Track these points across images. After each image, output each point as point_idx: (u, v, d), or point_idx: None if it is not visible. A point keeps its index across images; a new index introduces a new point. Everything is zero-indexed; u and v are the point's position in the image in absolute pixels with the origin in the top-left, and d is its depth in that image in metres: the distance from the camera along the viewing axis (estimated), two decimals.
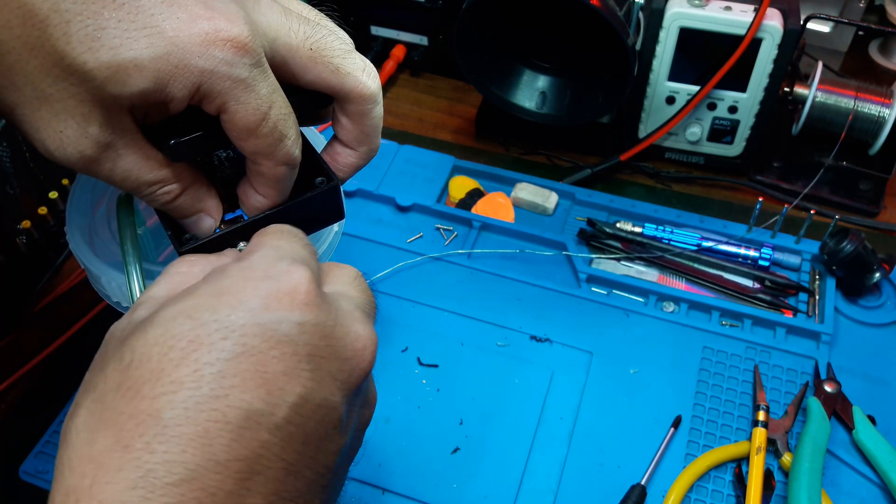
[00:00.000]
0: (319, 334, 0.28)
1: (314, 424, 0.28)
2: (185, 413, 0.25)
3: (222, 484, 0.25)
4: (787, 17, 0.63)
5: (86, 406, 0.26)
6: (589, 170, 0.71)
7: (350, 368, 0.29)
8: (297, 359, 0.27)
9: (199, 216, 0.36)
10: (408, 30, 0.81)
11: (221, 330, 0.27)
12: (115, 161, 0.32)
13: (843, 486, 0.51)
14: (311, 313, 0.28)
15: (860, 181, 0.70)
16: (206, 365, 0.26)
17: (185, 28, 0.30)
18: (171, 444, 0.25)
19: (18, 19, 0.28)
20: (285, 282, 0.28)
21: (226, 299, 0.27)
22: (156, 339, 0.27)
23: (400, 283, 0.62)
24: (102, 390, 0.26)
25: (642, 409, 0.55)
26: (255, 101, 0.32)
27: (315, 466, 0.28)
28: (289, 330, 0.27)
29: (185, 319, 0.27)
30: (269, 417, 0.26)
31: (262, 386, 0.26)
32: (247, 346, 0.26)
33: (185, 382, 0.25)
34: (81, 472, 0.25)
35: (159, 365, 0.26)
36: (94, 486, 0.24)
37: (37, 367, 0.57)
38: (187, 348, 0.26)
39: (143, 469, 0.24)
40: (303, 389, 0.27)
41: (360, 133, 0.38)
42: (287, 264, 0.29)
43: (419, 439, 0.53)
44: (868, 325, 0.60)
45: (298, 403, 0.27)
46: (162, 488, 0.24)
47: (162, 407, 0.25)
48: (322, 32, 0.35)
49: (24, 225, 0.59)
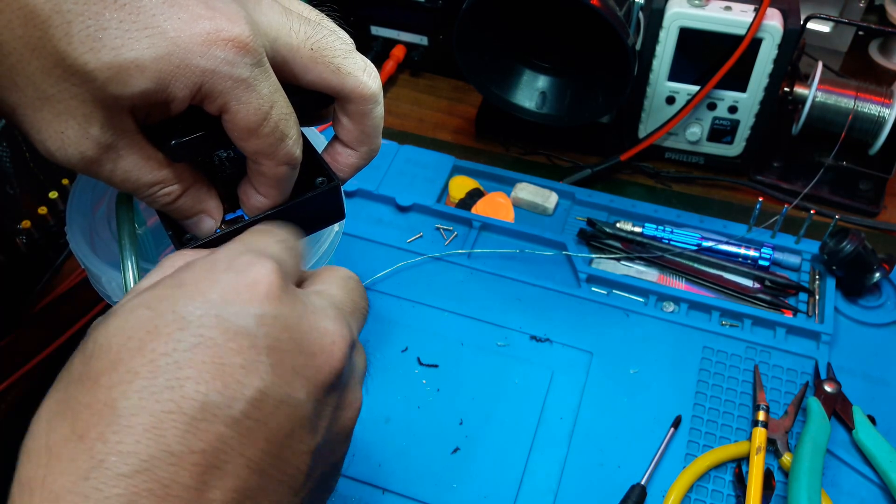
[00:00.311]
0: (280, 327, 0.27)
1: (278, 421, 0.27)
2: (139, 403, 0.25)
3: (177, 476, 0.24)
4: (787, 17, 0.63)
5: (51, 396, 0.26)
6: (589, 170, 0.71)
7: (317, 365, 0.28)
8: (255, 352, 0.27)
9: (199, 217, 0.36)
10: (408, 30, 0.81)
11: (179, 321, 0.26)
12: (116, 162, 0.32)
13: (843, 486, 0.51)
14: (270, 306, 0.27)
15: (860, 181, 0.71)
16: (162, 355, 0.25)
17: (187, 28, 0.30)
18: (125, 433, 0.24)
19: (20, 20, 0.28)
20: (247, 274, 0.28)
21: (185, 290, 0.27)
22: (115, 329, 0.26)
23: (400, 283, 0.62)
24: (66, 381, 0.26)
25: (642, 409, 0.55)
26: (257, 100, 0.32)
27: (281, 466, 0.27)
28: (246, 322, 0.27)
29: (144, 310, 0.27)
30: (225, 410, 0.25)
31: (218, 378, 0.26)
32: (204, 338, 0.26)
33: (140, 372, 0.25)
34: (37, 462, 0.25)
35: (117, 355, 0.26)
36: (47, 476, 0.24)
37: (37, 367, 0.57)
38: (144, 338, 0.26)
39: (95, 459, 0.24)
40: (261, 383, 0.26)
41: (361, 133, 0.38)
42: (251, 257, 0.28)
43: (419, 439, 0.53)
44: (868, 325, 0.60)
45: (257, 398, 0.26)
46: (114, 479, 0.24)
47: (117, 397, 0.25)
48: (323, 32, 0.35)
49: (24, 225, 0.59)
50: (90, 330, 0.29)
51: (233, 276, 0.28)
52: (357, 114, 0.37)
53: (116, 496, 0.24)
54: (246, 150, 0.33)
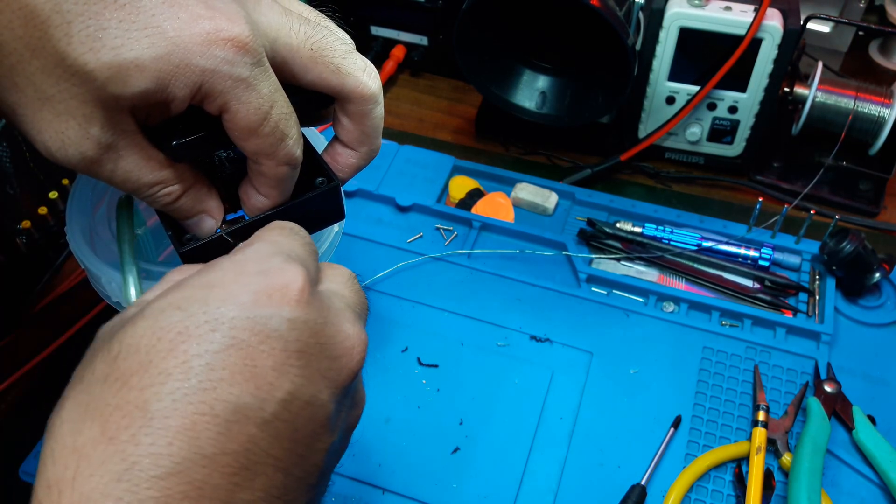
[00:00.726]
0: (310, 332, 0.28)
1: (303, 422, 0.27)
2: (172, 405, 0.25)
3: (209, 478, 0.25)
4: (787, 17, 0.63)
5: (72, 398, 0.26)
6: (589, 170, 0.71)
7: (339, 367, 0.29)
8: (286, 355, 0.27)
9: (200, 217, 0.36)
10: (408, 30, 0.81)
11: (211, 322, 0.26)
12: (117, 162, 0.32)
13: (843, 486, 0.51)
14: (302, 311, 0.28)
15: (860, 181, 0.71)
16: (195, 356, 0.26)
17: (187, 28, 0.30)
18: (158, 436, 0.24)
19: (20, 20, 0.28)
20: (278, 278, 0.28)
21: (216, 292, 0.27)
22: (144, 330, 0.26)
23: (400, 283, 0.62)
24: (89, 381, 0.26)
25: (642, 409, 0.55)
26: (257, 100, 0.32)
27: (304, 465, 0.28)
28: (279, 326, 0.27)
29: (173, 311, 0.27)
30: (257, 412, 0.26)
31: (250, 380, 0.26)
32: (236, 340, 0.26)
33: (172, 374, 0.25)
34: (64, 464, 0.24)
35: (147, 356, 0.26)
36: (77, 478, 0.24)
37: (37, 367, 0.57)
38: (175, 339, 0.26)
39: (128, 461, 0.24)
40: (292, 386, 0.27)
41: (361, 133, 0.38)
42: (281, 261, 0.29)
43: (419, 439, 0.53)
44: (868, 325, 0.60)
45: (287, 400, 0.27)
46: (147, 481, 0.24)
47: (149, 398, 0.25)
48: (323, 33, 0.35)
49: (24, 225, 0.59)
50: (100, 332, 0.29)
51: (264, 279, 0.28)
52: (357, 114, 0.37)
53: (150, 498, 0.24)
54: (246, 150, 0.33)
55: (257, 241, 0.31)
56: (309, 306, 0.28)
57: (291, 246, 0.31)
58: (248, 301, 0.27)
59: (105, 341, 0.27)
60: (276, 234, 0.32)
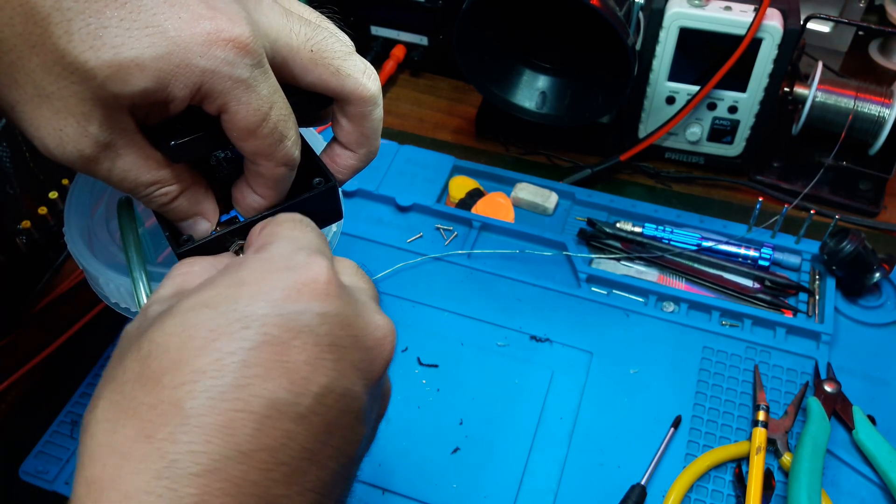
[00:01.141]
0: (340, 325, 0.28)
1: (337, 414, 0.28)
2: (208, 402, 0.25)
3: (247, 474, 0.25)
4: (787, 17, 0.63)
5: (105, 397, 0.26)
6: (589, 170, 0.71)
7: (371, 359, 0.30)
8: (318, 349, 0.27)
9: (195, 219, 0.36)
10: (408, 30, 0.81)
11: (242, 319, 0.26)
12: (115, 161, 0.32)
13: (843, 486, 0.51)
14: (331, 304, 0.28)
15: (860, 181, 0.70)
16: (228, 354, 0.26)
17: (187, 28, 0.30)
18: (195, 433, 0.25)
19: (20, 17, 0.28)
20: (305, 273, 0.28)
21: (246, 290, 0.27)
22: (174, 329, 0.27)
23: (400, 283, 0.62)
24: (122, 381, 0.26)
25: (642, 409, 0.55)
26: (256, 101, 0.32)
27: (339, 457, 0.28)
28: (310, 320, 0.27)
29: (203, 309, 0.27)
30: (292, 407, 0.26)
31: (284, 375, 0.26)
32: (268, 336, 0.26)
33: (207, 371, 0.25)
34: (103, 463, 0.25)
35: (179, 355, 0.26)
36: (117, 477, 0.24)
37: (37, 367, 0.57)
38: (208, 337, 0.26)
39: (166, 459, 0.24)
40: (326, 379, 0.27)
41: (360, 135, 0.38)
42: (306, 255, 0.29)
43: (419, 439, 0.53)
44: (868, 325, 0.60)
45: (322, 393, 0.27)
46: (186, 479, 0.24)
47: (183, 397, 0.25)
48: (323, 34, 0.35)
49: (24, 225, 0.59)
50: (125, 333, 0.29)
51: (292, 275, 0.28)
52: (356, 116, 0.37)
53: (189, 496, 0.24)
54: (245, 151, 0.33)
55: (278, 238, 0.31)
56: (338, 299, 0.29)
57: (310, 239, 0.31)
58: (278, 297, 0.27)
59: (133, 341, 0.28)
60: (292, 229, 0.32)
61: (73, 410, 0.55)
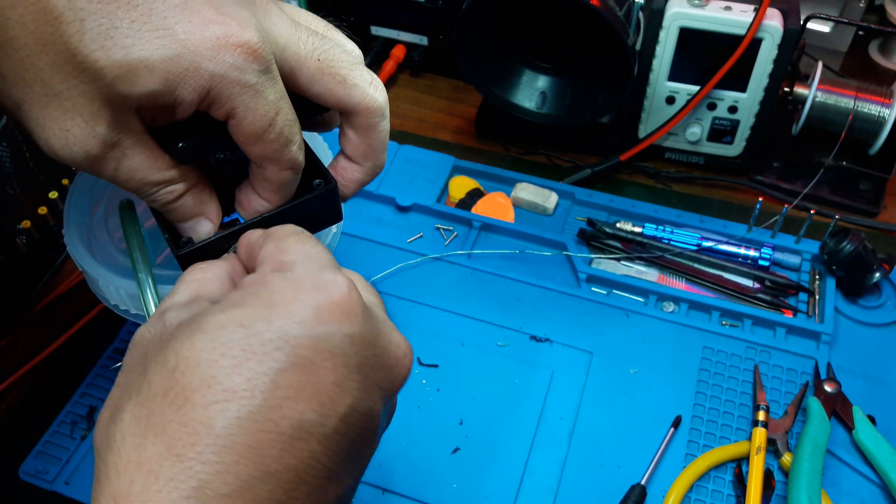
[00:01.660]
0: (367, 345, 0.29)
1: (358, 433, 0.28)
2: (238, 423, 0.25)
3: (272, 493, 0.25)
4: (787, 17, 0.63)
5: (130, 410, 0.26)
6: (589, 170, 0.71)
7: (392, 377, 0.30)
8: (347, 370, 0.28)
9: (198, 220, 0.36)
10: (408, 30, 0.81)
11: (275, 340, 0.27)
12: (121, 160, 0.32)
13: (843, 486, 0.51)
14: (359, 325, 0.29)
15: (860, 181, 0.70)
16: (260, 374, 0.26)
17: (197, 31, 0.30)
18: (225, 454, 0.25)
19: (33, 15, 0.28)
20: (334, 293, 0.29)
21: (278, 311, 0.28)
22: (204, 345, 0.27)
23: (400, 283, 0.62)
24: (147, 395, 0.26)
25: (642, 409, 0.55)
26: (264, 106, 0.32)
27: (354, 472, 0.29)
28: (341, 342, 0.28)
29: (236, 328, 0.27)
30: (319, 428, 0.26)
31: (314, 397, 0.27)
32: (300, 358, 0.27)
33: (237, 391, 0.26)
34: (129, 478, 0.25)
35: (209, 372, 0.26)
36: (146, 494, 0.24)
37: (37, 367, 0.57)
38: (240, 356, 0.26)
39: (196, 479, 0.24)
40: (352, 400, 0.28)
41: (367, 147, 0.38)
42: (331, 274, 0.29)
43: (419, 439, 0.53)
44: (868, 325, 0.60)
45: (347, 413, 0.27)
46: (216, 499, 0.24)
47: (214, 416, 0.25)
48: (330, 45, 0.35)
49: (24, 225, 0.59)
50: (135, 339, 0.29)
51: (322, 296, 0.28)
52: (363, 127, 0.37)
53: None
54: (251, 155, 0.34)
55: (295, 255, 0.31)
56: (365, 319, 0.29)
57: (324, 255, 0.31)
58: (309, 319, 0.28)
59: (157, 351, 0.28)
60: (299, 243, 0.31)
61: (73, 410, 0.55)
